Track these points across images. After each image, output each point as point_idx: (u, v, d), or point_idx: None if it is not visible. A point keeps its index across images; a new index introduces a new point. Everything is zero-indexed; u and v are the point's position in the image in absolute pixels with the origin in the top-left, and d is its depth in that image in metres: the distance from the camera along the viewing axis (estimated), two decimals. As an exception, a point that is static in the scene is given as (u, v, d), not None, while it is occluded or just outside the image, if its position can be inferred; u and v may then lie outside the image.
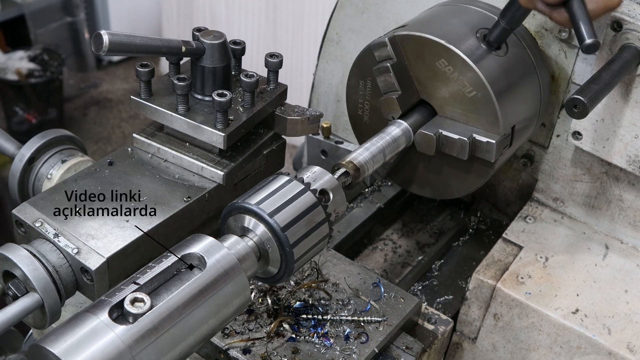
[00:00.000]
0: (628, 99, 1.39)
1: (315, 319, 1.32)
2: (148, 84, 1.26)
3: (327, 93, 1.91)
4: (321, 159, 1.82)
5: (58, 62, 4.72)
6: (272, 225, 1.04)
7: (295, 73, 4.45)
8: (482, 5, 1.48)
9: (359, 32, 1.77)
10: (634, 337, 1.37)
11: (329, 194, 1.14)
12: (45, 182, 1.55)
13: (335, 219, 1.14)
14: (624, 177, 1.52)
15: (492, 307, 1.48)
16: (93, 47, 1.11)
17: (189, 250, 0.97)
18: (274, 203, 1.06)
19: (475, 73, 1.33)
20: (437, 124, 1.40)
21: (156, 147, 1.28)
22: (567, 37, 1.46)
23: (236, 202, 1.07)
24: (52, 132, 1.60)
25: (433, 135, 1.37)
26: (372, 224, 1.77)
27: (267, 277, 1.10)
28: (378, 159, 1.31)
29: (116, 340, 0.85)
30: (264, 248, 1.06)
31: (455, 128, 1.38)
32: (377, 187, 1.82)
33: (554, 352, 1.44)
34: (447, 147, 1.39)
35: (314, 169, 1.15)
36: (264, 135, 1.34)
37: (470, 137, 1.36)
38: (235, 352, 1.26)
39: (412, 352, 1.33)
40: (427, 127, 1.39)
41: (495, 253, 1.53)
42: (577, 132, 1.48)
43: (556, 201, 1.64)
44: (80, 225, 1.13)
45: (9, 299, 1.11)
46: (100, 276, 1.09)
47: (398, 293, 1.39)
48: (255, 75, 1.25)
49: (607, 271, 1.50)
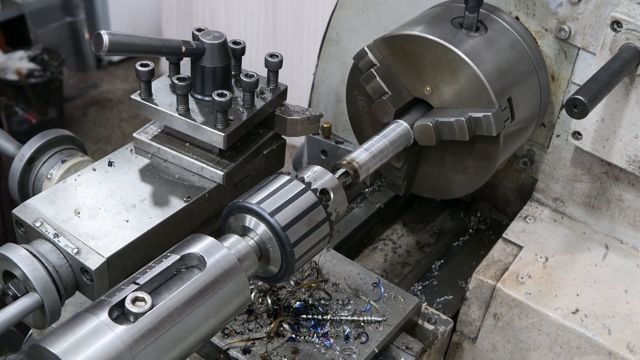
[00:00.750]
0: (628, 99, 1.39)
1: (315, 319, 1.32)
2: (148, 84, 1.26)
3: (327, 93, 1.91)
4: (321, 159, 1.82)
5: (58, 62, 4.72)
6: (273, 224, 1.04)
7: (295, 73, 4.46)
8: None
9: (359, 32, 1.77)
10: (634, 337, 1.37)
11: (329, 193, 1.14)
12: (45, 182, 1.56)
13: (335, 218, 1.14)
14: (624, 177, 1.52)
15: (492, 307, 1.48)
16: (93, 47, 1.11)
17: (189, 250, 0.97)
18: (274, 202, 1.06)
19: (455, 53, 1.34)
20: (433, 115, 1.40)
21: (156, 147, 1.28)
22: (567, 37, 1.46)
23: (237, 202, 1.07)
24: (52, 132, 1.60)
25: (430, 124, 1.37)
26: (372, 224, 1.77)
27: (268, 276, 1.10)
28: (378, 159, 1.31)
29: (116, 340, 0.85)
30: (264, 247, 1.06)
31: (452, 113, 1.38)
32: (377, 187, 1.82)
33: (554, 352, 1.44)
34: (448, 134, 1.37)
35: (315, 169, 1.15)
36: (264, 135, 1.34)
37: (467, 116, 1.35)
38: (235, 352, 1.26)
39: (412, 352, 1.33)
40: (424, 119, 1.39)
41: (495, 253, 1.53)
42: (577, 132, 1.48)
43: (556, 201, 1.64)
44: (80, 225, 1.13)
45: (9, 299, 1.11)
46: (100, 276, 1.09)
47: (398, 293, 1.39)
48: (255, 75, 1.25)
49: (607, 271, 1.50)
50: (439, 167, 1.48)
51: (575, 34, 1.45)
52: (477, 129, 1.35)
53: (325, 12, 4.08)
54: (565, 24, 1.45)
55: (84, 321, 0.86)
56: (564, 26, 1.45)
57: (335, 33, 1.81)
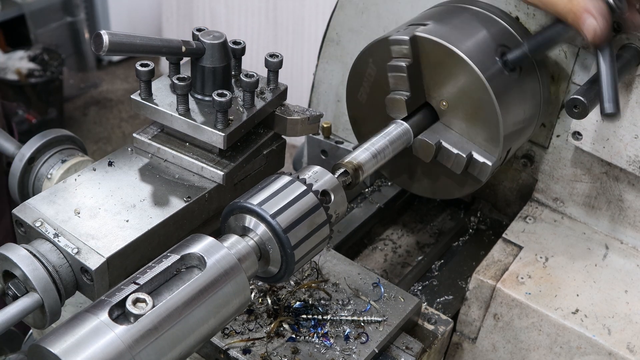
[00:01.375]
0: (628, 99, 1.39)
1: (315, 319, 1.32)
2: (148, 83, 1.26)
3: (327, 93, 1.91)
4: (321, 159, 1.82)
5: (58, 62, 4.72)
6: (274, 226, 1.04)
7: (295, 73, 4.46)
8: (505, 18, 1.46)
9: (359, 32, 1.77)
10: (634, 337, 1.37)
11: (330, 194, 1.14)
12: (45, 182, 1.55)
13: (335, 219, 1.14)
14: (624, 177, 1.52)
15: (492, 307, 1.48)
16: (93, 47, 1.11)
17: (189, 250, 0.97)
18: (276, 204, 1.06)
19: (489, 95, 1.33)
20: (438, 132, 1.40)
21: (156, 147, 1.28)
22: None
23: (238, 202, 1.07)
24: (52, 132, 1.60)
25: (433, 145, 1.38)
26: (372, 224, 1.77)
27: (268, 276, 1.10)
28: (378, 159, 1.31)
29: (116, 340, 0.85)
30: (264, 248, 1.06)
31: (456, 141, 1.39)
32: (377, 187, 1.82)
33: (554, 352, 1.44)
34: (444, 158, 1.41)
35: (315, 169, 1.15)
36: (264, 135, 1.34)
37: (469, 155, 1.38)
38: (235, 352, 1.26)
39: (412, 352, 1.33)
40: (428, 135, 1.39)
41: (495, 253, 1.53)
42: (577, 132, 1.48)
43: (556, 201, 1.64)
44: (80, 225, 1.13)
45: (9, 299, 1.11)
46: (100, 276, 1.09)
47: (398, 293, 1.39)
48: (255, 75, 1.25)
49: (607, 271, 1.50)
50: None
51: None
52: (472, 167, 1.40)
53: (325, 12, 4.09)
54: (565, 24, 1.45)
55: (84, 321, 0.86)
56: (564, 26, 1.45)
57: (335, 33, 1.81)
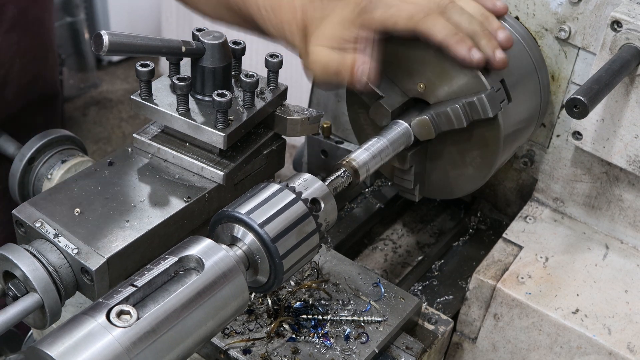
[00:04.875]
0: (628, 99, 1.39)
1: (315, 319, 1.32)
2: (148, 84, 1.26)
3: (327, 93, 1.91)
4: (321, 159, 1.81)
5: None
6: (262, 236, 1.02)
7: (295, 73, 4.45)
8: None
9: (359, 32, 1.76)
10: (634, 337, 1.37)
11: (320, 203, 1.12)
12: (45, 182, 1.56)
13: (325, 228, 1.12)
14: (624, 177, 1.52)
15: (492, 307, 1.48)
16: (93, 47, 1.11)
17: (187, 252, 0.97)
18: (264, 213, 1.04)
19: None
20: (430, 110, 1.38)
21: (156, 147, 1.28)
22: (567, 37, 1.46)
23: (226, 210, 1.05)
24: (52, 132, 1.60)
25: (427, 118, 1.36)
26: (372, 224, 1.77)
27: (256, 286, 1.09)
28: (378, 159, 1.31)
29: (114, 343, 0.85)
30: (253, 258, 1.04)
31: (447, 104, 1.36)
32: (377, 187, 1.82)
33: (554, 352, 1.44)
34: (445, 124, 1.35)
35: (305, 177, 1.14)
36: (264, 135, 1.34)
37: (460, 102, 1.33)
38: (235, 352, 1.26)
39: (412, 352, 1.33)
40: (420, 114, 1.38)
41: (496, 253, 1.53)
42: (577, 132, 1.48)
43: (556, 201, 1.64)
44: (80, 225, 1.13)
45: (9, 299, 1.11)
46: (101, 276, 1.09)
47: (398, 293, 1.39)
48: (255, 75, 1.25)
49: (607, 271, 1.50)
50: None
51: (575, 34, 1.45)
52: (474, 113, 1.33)
53: (325, 12, 4.08)
54: (565, 24, 1.45)
55: (82, 323, 0.86)
56: (564, 26, 1.45)
57: (335, 33, 1.81)
